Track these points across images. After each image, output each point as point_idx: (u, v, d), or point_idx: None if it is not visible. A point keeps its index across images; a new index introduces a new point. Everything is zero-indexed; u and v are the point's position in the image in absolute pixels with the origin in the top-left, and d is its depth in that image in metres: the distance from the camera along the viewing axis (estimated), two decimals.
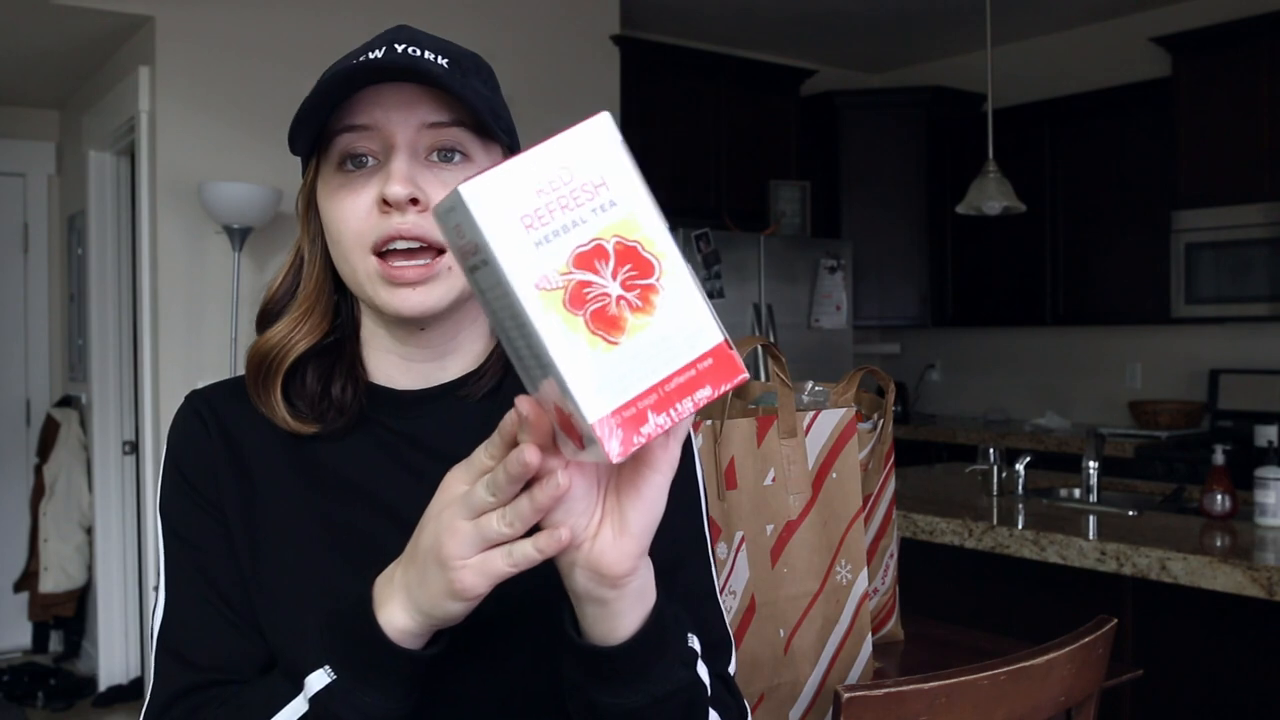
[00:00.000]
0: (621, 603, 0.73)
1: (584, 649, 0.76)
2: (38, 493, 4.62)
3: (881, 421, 1.72)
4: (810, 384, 1.64)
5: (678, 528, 0.84)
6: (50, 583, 4.54)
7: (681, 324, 0.60)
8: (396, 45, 0.86)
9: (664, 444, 0.69)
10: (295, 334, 0.93)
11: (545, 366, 0.60)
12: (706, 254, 4.46)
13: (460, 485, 0.70)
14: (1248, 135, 4.28)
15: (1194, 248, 4.40)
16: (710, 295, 4.50)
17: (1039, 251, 5.05)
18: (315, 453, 0.92)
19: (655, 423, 0.59)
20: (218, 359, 3.64)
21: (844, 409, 1.48)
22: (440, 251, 0.86)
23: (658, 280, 0.60)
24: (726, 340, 0.61)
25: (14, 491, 4.98)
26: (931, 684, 1.04)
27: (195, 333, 3.65)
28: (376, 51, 0.86)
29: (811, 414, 1.44)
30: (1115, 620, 1.26)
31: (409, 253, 0.86)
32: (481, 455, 0.69)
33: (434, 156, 0.87)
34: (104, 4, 3.55)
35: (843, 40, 5.49)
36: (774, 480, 1.39)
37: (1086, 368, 5.23)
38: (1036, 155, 5.02)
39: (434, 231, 0.85)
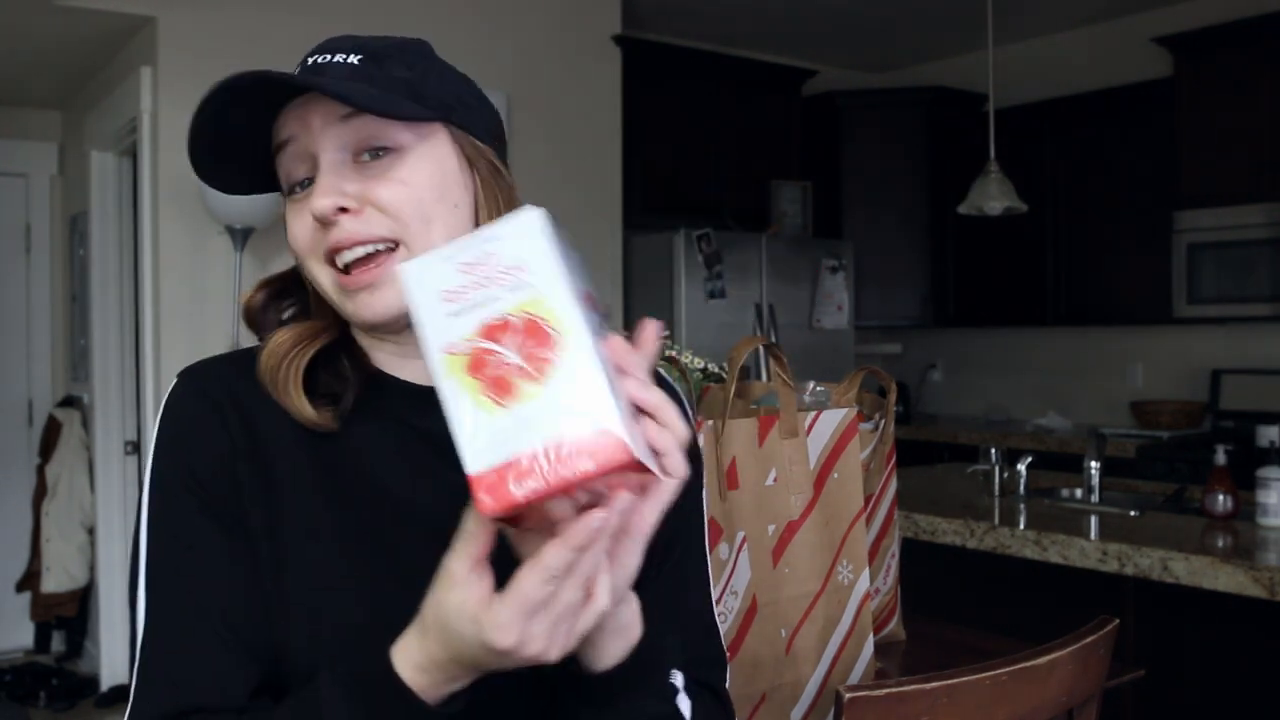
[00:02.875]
0: (601, 637, 0.76)
1: (567, 670, 0.78)
2: (40, 493, 4.62)
3: (883, 422, 1.72)
4: (812, 384, 1.64)
5: (682, 535, 0.85)
6: (52, 583, 4.54)
7: (574, 397, 0.64)
8: (310, 58, 0.89)
9: (640, 511, 0.70)
10: (314, 329, 0.93)
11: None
12: (708, 254, 4.45)
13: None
14: (1249, 135, 4.28)
15: (1196, 248, 4.40)
16: (712, 295, 4.50)
17: (1040, 251, 5.05)
18: (335, 448, 0.89)
19: (529, 486, 0.63)
20: None
21: (845, 409, 1.48)
22: (392, 248, 0.86)
23: (555, 354, 0.64)
24: (620, 418, 0.64)
25: (16, 492, 4.98)
26: (933, 684, 1.04)
27: (197, 333, 3.66)
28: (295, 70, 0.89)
29: (813, 414, 1.44)
30: (1117, 620, 1.26)
31: (365, 259, 0.87)
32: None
33: (364, 156, 0.87)
34: (106, 4, 3.55)
35: (844, 41, 5.49)
36: (776, 480, 1.39)
37: (1088, 368, 5.23)
38: (1038, 155, 5.02)
39: (371, 229, 0.86)
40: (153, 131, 3.65)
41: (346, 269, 0.87)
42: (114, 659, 4.44)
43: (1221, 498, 2.61)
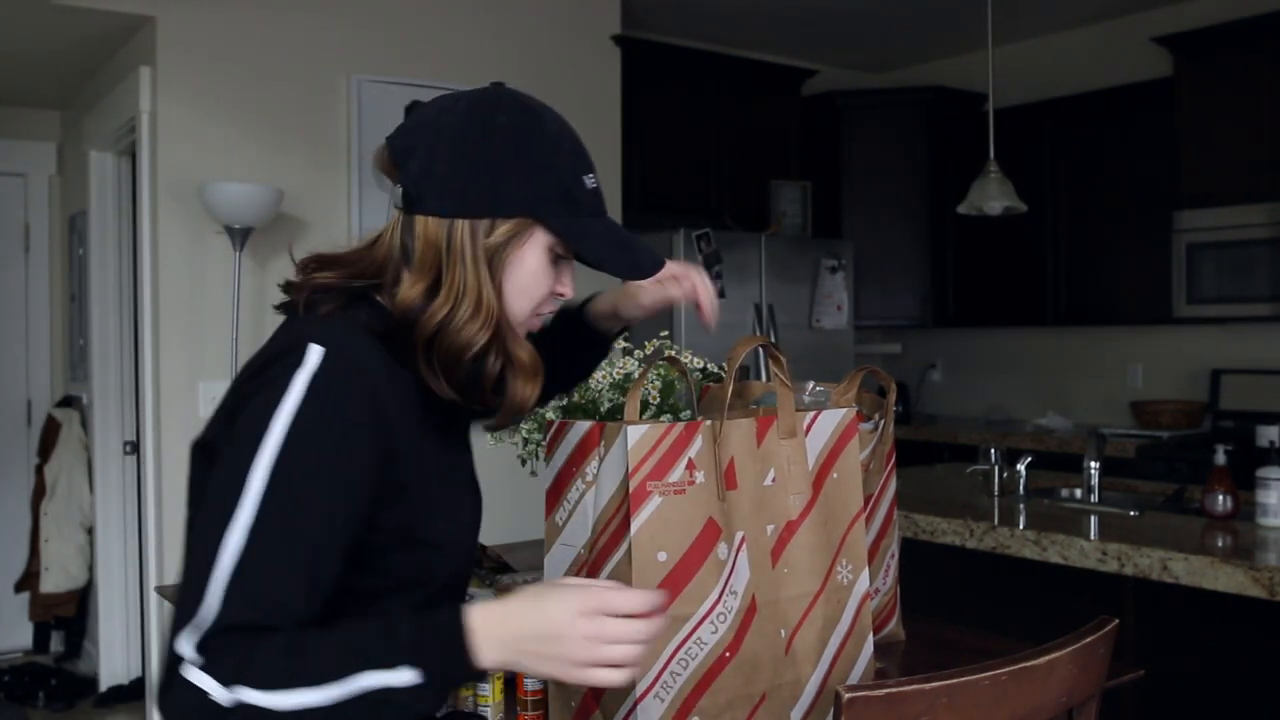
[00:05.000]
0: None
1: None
2: (39, 493, 4.62)
3: (883, 422, 1.72)
4: (811, 384, 1.64)
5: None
6: (51, 583, 4.54)
7: None
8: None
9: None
10: None
11: None
12: (707, 254, 4.45)
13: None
14: (1249, 135, 4.28)
15: (1195, 248, 4.40)
16: None
17: (1040, 251, 5.05)
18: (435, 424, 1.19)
19: None
20: (219, 359, 3.63)
21: (845, 409, 1.48)
22: None
23: None
24: None
25: (15, 492, 4.98)
26: (933, 684, 1.04)
27: (196, 333, 3.65)
28: None
29: (812, 414, 1.44)
30: (1117, 620, 1.26)
31: None
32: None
33: None
34: (104, 4, 3.55)
35: (844, 40, 5.49)
36: (774, 480, 1.39)
37: (1088, 368, 5.23)
38: (1038, 155, 5.02)
39: None
40: (152, 131, 3.64)
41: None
42: (113, 659, 4.44)
43: (1221, 498, 2.60)
